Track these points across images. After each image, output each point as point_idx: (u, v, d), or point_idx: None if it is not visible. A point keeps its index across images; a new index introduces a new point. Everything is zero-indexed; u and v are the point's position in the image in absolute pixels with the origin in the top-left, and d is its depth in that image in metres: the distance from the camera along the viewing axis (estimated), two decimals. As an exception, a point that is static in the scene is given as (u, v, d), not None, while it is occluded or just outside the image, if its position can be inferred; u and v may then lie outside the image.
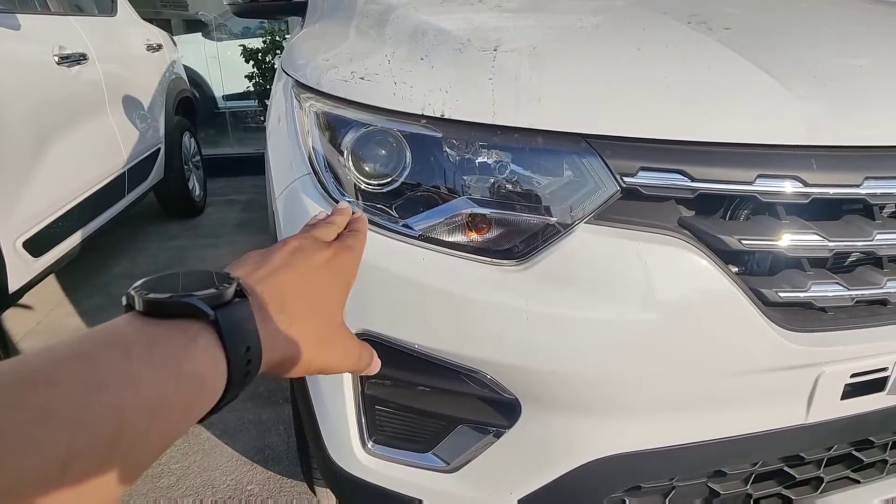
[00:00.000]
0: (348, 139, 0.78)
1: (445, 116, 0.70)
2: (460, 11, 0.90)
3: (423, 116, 0.71)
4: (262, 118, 5.92)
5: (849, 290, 0.74)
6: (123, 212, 2.61)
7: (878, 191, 0.72)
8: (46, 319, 2.26)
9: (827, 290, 0.74)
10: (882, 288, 0.75)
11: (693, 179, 0.68)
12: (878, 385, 0.78)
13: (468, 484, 0.81)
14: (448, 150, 0.72)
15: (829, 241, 0.72)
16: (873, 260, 0.77)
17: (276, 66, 5.31)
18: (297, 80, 0.89)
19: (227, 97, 6.43)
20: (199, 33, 6.63)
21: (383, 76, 0.76)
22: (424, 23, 0.84)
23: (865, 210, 0.74)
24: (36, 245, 1.80)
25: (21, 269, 1.72)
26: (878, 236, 0.73)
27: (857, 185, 0.71)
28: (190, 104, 3.82)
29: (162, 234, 3.31)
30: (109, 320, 0.30)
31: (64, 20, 2.29)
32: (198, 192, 3.74)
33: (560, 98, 0.69)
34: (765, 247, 0.71)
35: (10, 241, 1.67)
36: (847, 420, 0.80)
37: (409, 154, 0.75)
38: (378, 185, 0.76)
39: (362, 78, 0.77)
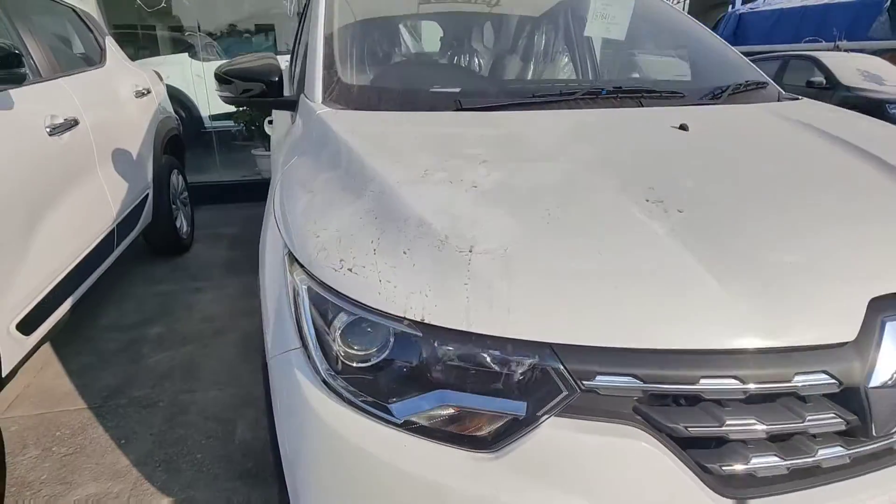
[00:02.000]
0: (337, 323, 0.85)
1: (425, 321, 0.78)
2: (438, 193, 0.98)
3: (405, 319, 0.79)
4: (248, 139, 5.91)
5: (784, 460, 0.84)
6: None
7: (808, 383, 0.81)
8: (35, 381, 2.29)
9: (765, 462, 0.83)
10: (814, 456, 0.85)
11: (644, 381, 0.77)
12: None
13: None
14: (427, 347, 0.80)
15: (766, 424, 0.81)
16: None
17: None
18: (290, 250, 0.96)
19: (214, 117, 6.45)
20: (186, 53, 6.63)
21: (369, 270, 0.84)
22: (407, 207, 0.92)
23: (798, 397, 0.83)
24: (28, 324, 1.82)
25: (14, 351, 1.75)
26: (810, 418, 0.82)
27: (789, 381, 0.80)
28: (177, 141, 3.85)
29: (148, 276, 3.34)
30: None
31: (55, 85, 2.31)
32: (185, 228, 3.78)
33: (527, 309, 0.78)
34: (708, 433, 0.80)
35: (3, 327, 1.70)
36: None
37: (392, 341, 0.83)
38: (362, 365, 0.84)
39: (350, 269, 0.85)
